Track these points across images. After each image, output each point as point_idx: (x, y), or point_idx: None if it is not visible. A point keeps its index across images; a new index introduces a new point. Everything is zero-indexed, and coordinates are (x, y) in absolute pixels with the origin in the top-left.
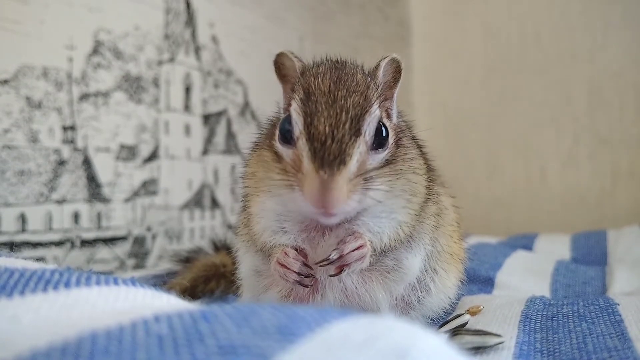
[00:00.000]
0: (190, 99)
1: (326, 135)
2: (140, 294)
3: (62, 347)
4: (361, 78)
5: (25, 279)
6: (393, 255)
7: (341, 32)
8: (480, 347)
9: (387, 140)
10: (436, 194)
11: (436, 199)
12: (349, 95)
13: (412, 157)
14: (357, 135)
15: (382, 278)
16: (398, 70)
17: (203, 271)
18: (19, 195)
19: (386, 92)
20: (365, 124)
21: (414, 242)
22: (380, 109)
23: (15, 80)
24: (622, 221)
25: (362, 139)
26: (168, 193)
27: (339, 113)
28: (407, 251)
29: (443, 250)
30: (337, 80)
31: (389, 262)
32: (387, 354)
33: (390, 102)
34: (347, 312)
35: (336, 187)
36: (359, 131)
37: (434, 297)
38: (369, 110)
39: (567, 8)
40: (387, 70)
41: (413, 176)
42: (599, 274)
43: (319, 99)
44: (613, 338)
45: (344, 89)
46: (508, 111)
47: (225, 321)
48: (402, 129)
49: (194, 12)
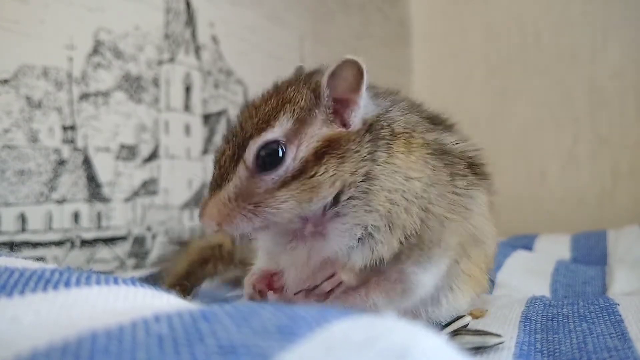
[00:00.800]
0: (190, 99)
1: (215, 163)
2: (140, 294)
3: (62, 347)
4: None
5: (25, 279)
6: (398, 268)
7: (341, 32)
8: (481, 347)
9: (282, 161)
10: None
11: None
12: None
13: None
14: (237, 161)
15: (388, 290)
16: (359, 72)
17: (198, 254)
18: (19, 195)
19: (350, 96)
20: (245, 150)
21: (424, 260)
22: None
23: (15, 80)
24: (622, 221)
25: (242, 165)
26: (168, 193)
27: (230, 140)
28: (415, 266)
29: (463, 273)
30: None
31: (394, 275)
32: (387, 354)
33: (352, 107)
34: (347, 312)
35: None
36: (238, 159)
37: (444, 312)
38: (256, 136)
39: (568, 8)
40: (344, 74)
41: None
42: (599, 274)
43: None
44: (613, 338)
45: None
46: (508, 111)
47: (226, 321)
48: (370, 128)
49: (194, 12)
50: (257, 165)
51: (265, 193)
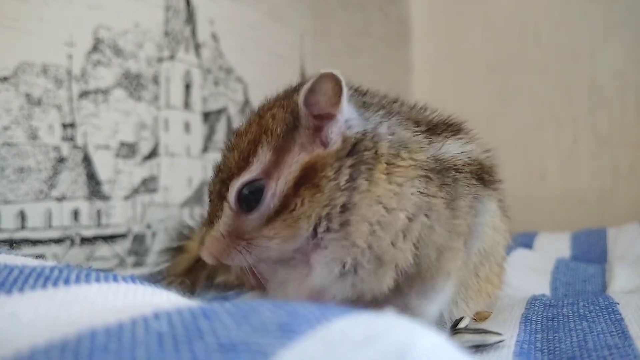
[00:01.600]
0: (190, 97)
1: (209, 194)
2: (139, 292)
3: (61, 344)
4: (255, 128)
5: (24, 276)
6: (401, 300)
7: (342, 29)
8: (481, 346)
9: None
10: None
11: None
12: (232, 152)
13: (341, 187)
14: (222, 200)
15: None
16: (337, 85)
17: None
18: (19, 193)
19: (330, 109)
20: (228, 189)
21: (429, 291)
22: (275, 153)
23: (14, 77)
24: (622, 221)
25: (226, 205)
26: (168, 191)
27: (217, 174)
28: (419, 298)
29: (470, 288)
30: (235, 139)
31: (398, 306)
32: (387, 352)
33: (331, 122)
34: (347, 309)
35: (205, 244)
36: (224, 197)
37: (447, 322)
38: (236, 175)
39: (568, 7)
40: (323, 89)
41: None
42: (599, 271)
43: (219, 161)
44: (613, 336)
45: (236, 141)
46: (508, 110)
47: (225, 318)
48: (352, 149)
49: (194, 9)
50: (239, 206)
51: (253, 231)
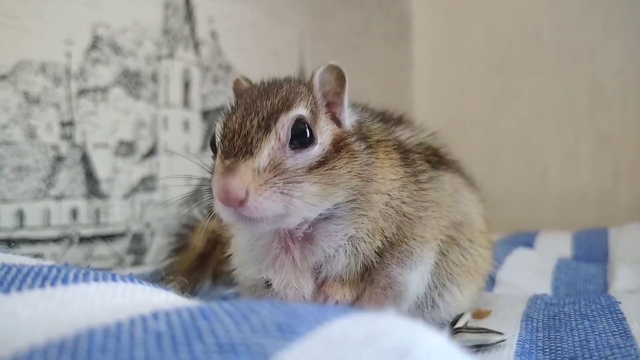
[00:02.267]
0: (189, 95)
1: (234, 132)
2: (138, 291)
3: (59, 344)
4: (288, 88)
5: (22, 275)
6: (384, 272)
7: (341, 28)
8: (482, 345)
9: (312, 140)
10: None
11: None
12: (267, 100)
13: (364, 162)
14: (268, 131)
15: (380, 298)
16: (340, 76)
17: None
18: (17, 191)
19: (334, 99)
20: (277, 121)
21: (406, 257)
22: (313, 113)
23: (13, 76)
24: (622, 220)
25: (273, 135)
26: (167, 189)
27: (251, 113)
28: (400, 266)
29: (455, 264)
30: (262, 92)
31: (382, 281)
32: (388, 353)
33: (339, 108)
34: (347, 310)
35: (238, 173)
36: (269, 128)
37: (442, 313)
38: (285, 110)
39: (568, 6)
40: (327, 79)
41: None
42: (600, 271)
43: (239, 107)
44: (615, 336)
45: (265, 98)
46: (509, 109)
47: (225, 319)
48: (352, 136)
49: (193, 7)
50: (290, 140)
51: (295, 174)
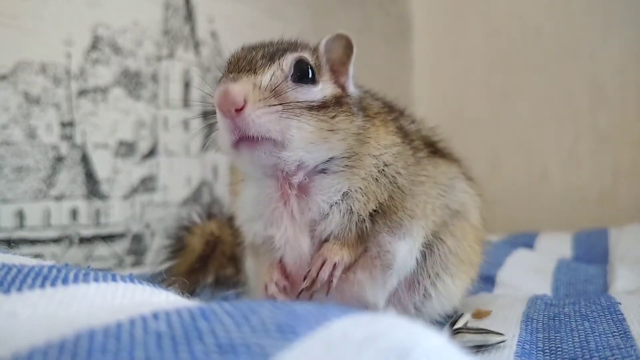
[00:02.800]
0: (189, 95)
1: (239, 58)
2: (138, 291)
3: (59, 344)
4: (295, 40)
5: (22, 275)
6: (375, 240)
7: (341, 28)
8: (482, 346)
9: (313, 78)
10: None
11: (439, 186)
12: (274, 43)
13: (361, 125)
14: (272, 62)
15: (370, 267)
16: (348, 46)
17: (198, 252)
18: (17, 192)
19: (339, 68)
20: (281, 55)
21: (396, 227)
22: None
23: (13, 76)
24: (623, 220)
25: (277, 65)
26: (167, 190)
27: (258, 48)
28: (390, 235)
29: (450, 253)
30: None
31: (373, 249)
32: (388, 353)
33: (344, 77)
34: (347, 310)
35: (240, 81)
36: (273, 59)
37: (435, 304)
38: (290, 50)
39: (569, 5)
40: (335, 47)
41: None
42: (600, 272)
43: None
44: (615, 336)
45: (272, 42)
46: (509, 108)
47: (225, 319)
48: (355, 102)
49: (193, 7)
50: (291, 74)
51: (293, 104)
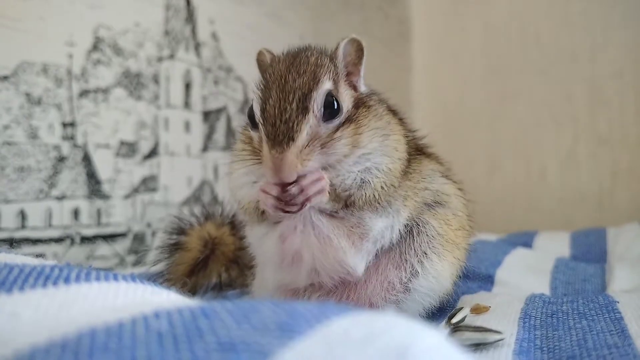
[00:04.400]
0: (190, 96)
1: (275, 117)
2: (140, 290)
3: (61, 343)
4: (314, 60)
5: (24, 275)
6: (358, 214)
7: (341, 30)
8: (481, 344)
9: (339, 110)
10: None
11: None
12: (299, 76)
13: (377, 114)
14: (305, 113)
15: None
16: (359, 48)
17: (199, 251)
18: (19, 192)
19: (352, 69)
20: (312, 100)
21: (380, 207)
22: (335, 83)
23: (15, 77)
24: (621, 221)
25: (311, 115)
26: (168, 190)
27: (287, 95)
28: (372, 212)
29: (437, 234)
30: (290, 65)
31: (353, 220)
32: (387, 351)
33: (356, 77)
34: (347, 308)
35: (286, 163)
36: (307, 108)
37: (422, 281)
38: (316, 87)
39: (568, 7)
40: (348, 50)
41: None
42: (598, 271)
43: (272, 85)
44: (613, 335)
45: (295, 72)
46: (508, 110)
47: (225, 318)
48: (368, 98)
49: (194, 9)
50: (323, 113)
51: (326, 137)
